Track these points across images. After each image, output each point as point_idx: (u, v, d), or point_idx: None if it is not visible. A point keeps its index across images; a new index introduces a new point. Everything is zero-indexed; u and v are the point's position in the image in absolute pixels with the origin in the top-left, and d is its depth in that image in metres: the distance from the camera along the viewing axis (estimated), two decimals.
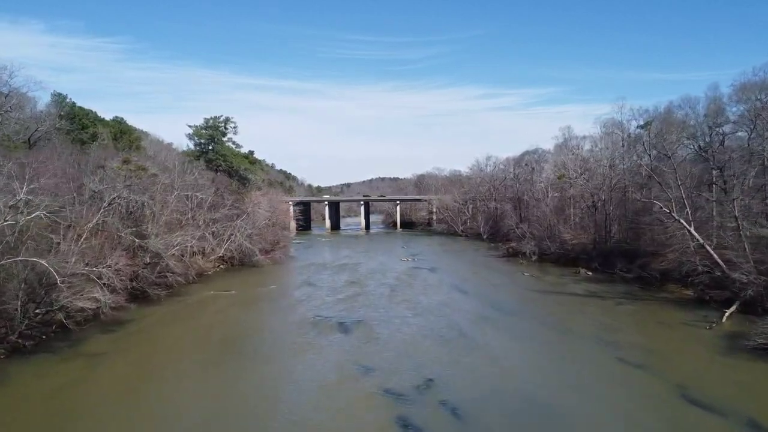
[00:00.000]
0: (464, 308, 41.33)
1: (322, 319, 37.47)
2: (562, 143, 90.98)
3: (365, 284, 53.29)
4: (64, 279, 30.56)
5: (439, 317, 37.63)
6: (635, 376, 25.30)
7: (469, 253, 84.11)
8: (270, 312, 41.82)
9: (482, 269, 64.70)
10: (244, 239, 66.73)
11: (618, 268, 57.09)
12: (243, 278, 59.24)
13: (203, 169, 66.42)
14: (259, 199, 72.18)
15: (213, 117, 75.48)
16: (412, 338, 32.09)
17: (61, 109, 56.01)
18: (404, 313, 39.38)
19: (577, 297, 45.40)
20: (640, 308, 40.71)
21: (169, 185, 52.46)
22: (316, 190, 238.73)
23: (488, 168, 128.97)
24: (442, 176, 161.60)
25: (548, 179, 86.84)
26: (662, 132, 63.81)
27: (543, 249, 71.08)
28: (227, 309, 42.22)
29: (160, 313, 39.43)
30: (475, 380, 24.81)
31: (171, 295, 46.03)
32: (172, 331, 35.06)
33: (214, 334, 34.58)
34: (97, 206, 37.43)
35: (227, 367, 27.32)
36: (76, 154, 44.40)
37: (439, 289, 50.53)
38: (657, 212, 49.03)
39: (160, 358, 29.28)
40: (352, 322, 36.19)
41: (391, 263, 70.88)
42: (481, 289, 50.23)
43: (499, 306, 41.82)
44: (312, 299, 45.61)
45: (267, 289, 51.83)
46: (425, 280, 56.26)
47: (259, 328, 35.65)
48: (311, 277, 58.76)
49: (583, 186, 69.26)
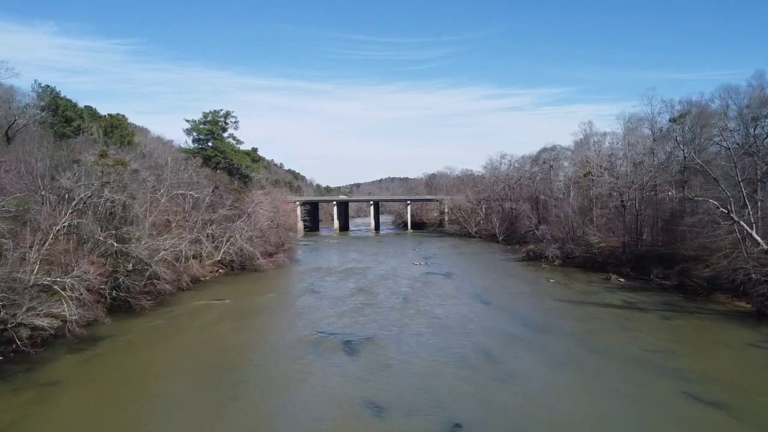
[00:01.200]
0: (489, 324, 36.05)
1: (324, 338, 32.36)
2: (581, 140, 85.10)
3: (375, 292, 48.18)
4: (19, 292, 25.88)
5: (461, 336, 32.37)
6: (720, 423, 19.89)
7: (485, 257, 78.73)
8: (265, 327, 36.71)
9: (502, 275, 59.36)
10: (244, 242, 61.94)
11: (654, 275, 51.76)
12: (241, 285, 54.38)
13: (199, 167, 61.57)
14: (260, 199, 67.21)
15: (212, 111, 70.73)
16: (431, 365, 26.87)
17: (43, 99, 51.29)
18: (420, 329, 34.17)
19: (615, 309, 39.96)
20: (692, 324, 35.27)
21: (159, 183, 47.67)
22: (325, 190, 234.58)
23: (503, 166, 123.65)
24: (453, 176, 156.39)
25: (570, 177, 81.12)
26: (697, 125, 58.34)
27: (566, 252, 65.67)
28: (216, 324, 37.23)
29: (139, 329, 34.53)
30: (514, 429, 19.60)
31: (158, 305, 41.30)
32: (147, 354, 29.92)
33: (196, 357, 29.47)
34: (67, 206, 32.55)
35: (205, 404, 22.30)
36: (49, 148, 39.59)
37: (457, 299, 45.25)
38: (704, 213, 43.43)
39: (126, 390, 24.24)
40: (360, 342, 31.05)
41: (402, 267, 65.73)
42: (504, 299, 44.89)
43: (528, 321, 36.51)
44: (314, 311, 40.55)
45: (265, 298, 46.82)
46: (441, 287, 51.01)
47: (249, 350, 30.46)
48: (315, 284, 53.76)
49: (612, 184, 63.60)
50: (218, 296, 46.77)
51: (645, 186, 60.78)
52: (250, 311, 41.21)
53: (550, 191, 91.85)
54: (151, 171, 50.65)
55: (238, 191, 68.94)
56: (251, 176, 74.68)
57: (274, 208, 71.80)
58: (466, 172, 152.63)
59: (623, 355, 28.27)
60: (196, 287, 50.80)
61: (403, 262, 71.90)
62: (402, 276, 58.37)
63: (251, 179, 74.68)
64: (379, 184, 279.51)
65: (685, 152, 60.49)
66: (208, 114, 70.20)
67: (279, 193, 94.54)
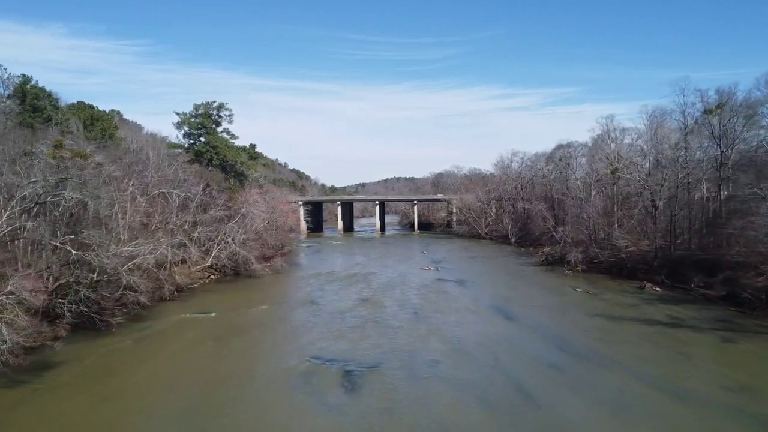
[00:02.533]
0: (518, 348, 30.10)
1: (319, 366, 26.59)
2: (599, 135, 78.69)
3: (381, 304, 42.43)
4: None
5: (488, 366, 26.50)
6: None
7: (500, 261, 72.77)
8: (250, 352, 30.82)
9: (522, 283, 53.46)
10: (237, 245, 56.33)
11: (694, 284, 45.88)
12: (232, 293, 48.80)
13: (187, 163, 55.99)
14: (256, 199, 61.56)
15: (204, 103, 64.94)
16: (451, 408, 21.04)
17: (7, 88, 45.93)
18: (435, 356, 28.30)
19: (663, 328, 33.97)
20: (764, 348, 29.34)
21: (139, 181, 42.11)
22: (330, 190, 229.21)
23: (514, 165, 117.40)
24: (461, 175, 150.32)
25: (590, 175, 74.97)
26: (739, 115, 52.35)
27: (590, 257, 59.68)
28: (193, 346, 31.47)
29: (100, 354, 28.88)
30: None
31: (132, 321, 35.82)
32: (97, 391, 23.68)
33: (157, 396, 23.48)
34: (15, 206, 26.96)
35: None
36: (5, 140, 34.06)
37: (476, 314, 39.35)
38: (765, 214, 37.48)
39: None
40: (361, 374, 25.29)
41: (410, 273, 59.94)
42: (531, 313, 38.98)
43: (565, 344, 30.57)
44: (310, 329, 34.80)
45: (256, 311, 41.08)
46: (456, 299, 45.14)
47: (226, 385, 24.50)
48: (314, 293, 48.08)
49: (642, 182, 57.52)
50: (204, 308, 41.17)
51: (680, 184, 54.71)
52: (237, 329, 35.48)
53: (566, 190, 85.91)
54: (131, 167, 45.18)
55: (231, 190, 63.37)
56: (247, 174, 68.90)
57: (271, 208, 66.21)
58: (474, 171, 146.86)
59: (695, 394, 22.40)
60: (182, 296, 45.30)
61: (411, 266, 66.13)
62: (411, 284, 52.57)
63: (247, 177, 68.94)
64: (384, 183, 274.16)
65: (722, 146, 54.64)
66: (199, 106, 64.47)
67: (278, 192, 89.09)
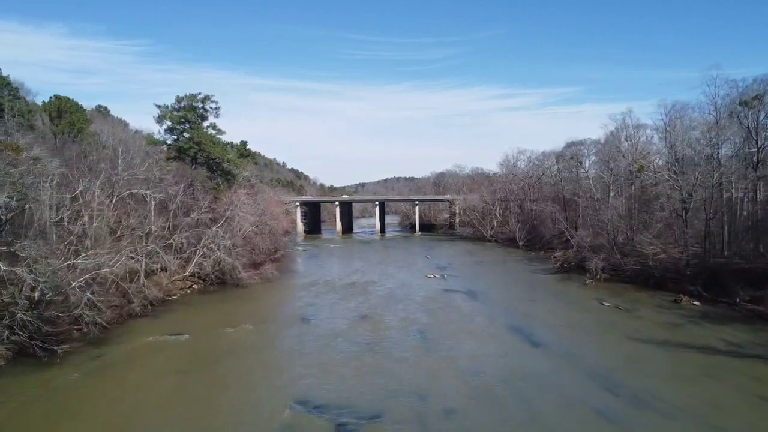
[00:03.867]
0: (552, 387, 24.27)
1: (304, 417, 20.80)
2: (612, 132, 72.91)
3: (382, 323, 36.70)
4: None
5: (517, 415, 20.70)
6: None
7: (510, 267, 67.02)
8: (221, 392, 24.61)
9: (540, 294, 47.72)
10: (222, 252, 50.63)
11: (740, 298, 40.27)
12: (213, 307, 43.11)
13: (165, 160, 50.26)
14: (243, 200, 55.81)
15: (188, 95, 59.11)
16: None
17: None
18: (451, 400, 22.37)
19: (723, 358, 28.10)
20: None
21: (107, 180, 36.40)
22: (329, 190, 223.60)
23: (520, 164, 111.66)
24: (463, 174, 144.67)
25: (609, 174, 69.23)
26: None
27: (613, 264, 54.00)
28: (154, 382, 25.59)
29: (32, 397, 23.06)
30: None
31: (89, 345, 30.38)
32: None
33: None
34: None
35: None
36: None
37: (494, 336, 33.43)
38: None
39: None
40: (361, 425, 19.56)
41: (414, 282, 54.21)
42: (557, 335, 33.17)
43: (610, 380, 24.74)
44: (296, 359, 29.00)
45: (236, 332, 35.18)
46: (468, 316, 39.32)
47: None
48: (305, 308, 42.39)
49: (672, 181, 51.76)
50: (176, 328, 35.42)
51: (714, 184, 48.99)
52: (209, 357, 29.68)
53: (579, 190, 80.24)
54: (98, 165, 39.49)
55: (217, 191, 57.65)
56: (236, 173, 63.10)
57: (260, 210, 60.48)
58: (477, 171, 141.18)
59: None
60: (156, 311, 39.72)
61: (414, 273, 60.41)
62: (415, 296, 46.83)
63: (236, 177, 63.14)
64: (384, 183, 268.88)
65: (758, 142, 49.06)
66: (182, 98, 58.66)
67: (272, 192, 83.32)
